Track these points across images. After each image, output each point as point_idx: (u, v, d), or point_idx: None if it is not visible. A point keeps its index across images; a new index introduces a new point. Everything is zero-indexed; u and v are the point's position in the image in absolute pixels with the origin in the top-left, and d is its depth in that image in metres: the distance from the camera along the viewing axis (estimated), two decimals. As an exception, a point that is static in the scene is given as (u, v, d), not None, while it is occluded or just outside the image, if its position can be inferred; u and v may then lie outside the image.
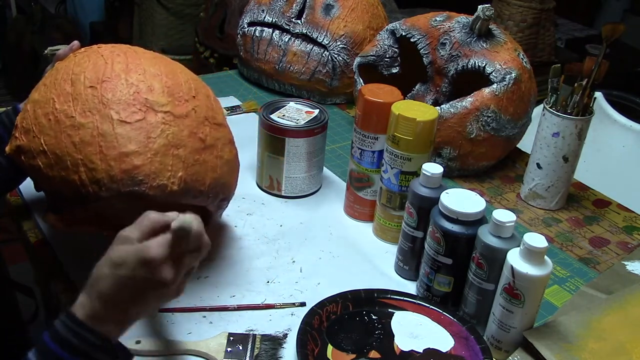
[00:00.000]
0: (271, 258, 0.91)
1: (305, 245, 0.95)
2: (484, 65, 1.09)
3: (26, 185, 0.94)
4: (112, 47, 0.77)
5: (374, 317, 0.81)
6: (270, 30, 1.36)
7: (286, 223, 0.99)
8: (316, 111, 1.05)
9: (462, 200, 0.79)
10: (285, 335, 0.78)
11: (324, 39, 1.32)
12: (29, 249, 0.91)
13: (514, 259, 0.73)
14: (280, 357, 0.75)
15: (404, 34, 1.19)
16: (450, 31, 1.13)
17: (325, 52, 1.32)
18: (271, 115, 1.02)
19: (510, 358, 0.76)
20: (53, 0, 3.29)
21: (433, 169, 0.84)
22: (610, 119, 1.56)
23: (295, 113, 1.04)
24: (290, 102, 1.07)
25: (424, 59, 1.18)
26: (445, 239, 0.79)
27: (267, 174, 1.05)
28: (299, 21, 1.34)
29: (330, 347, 0.76)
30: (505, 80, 1.07)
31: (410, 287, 0.88)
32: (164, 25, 2.76)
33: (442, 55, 1.14)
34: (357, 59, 1.25)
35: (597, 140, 1.51)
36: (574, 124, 1.00)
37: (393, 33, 1.22)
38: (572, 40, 2.73)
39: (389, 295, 0.83)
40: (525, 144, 1.19)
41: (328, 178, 1.12)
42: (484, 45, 1.10)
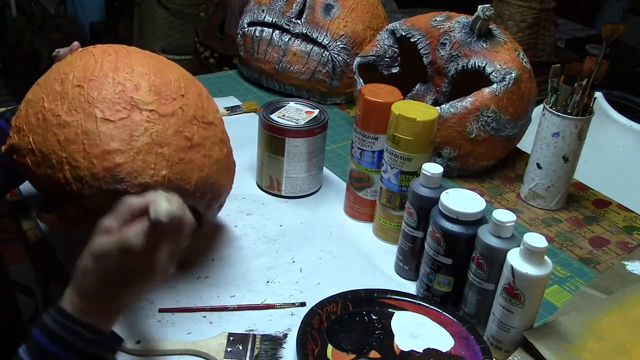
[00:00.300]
0: (271, 258, 0.91)
1: (305, 245, 0.95)
2: (484, 65, 1.09)
3: (26, 184, 0.95)
4: (106, 47, 0.77)
5: (374, 317, 0.81)
6: (270, 30, 1.36)
7: (286, 223, 0.99)
8: (316, 111, 1.05)
9: (462, 200, 0.79)
10: (285, 335, 0.78)
11: (324, 39, 1.32)
12: (29, 249, 0.91)
13: (514, 259, 0.73)
14: (280, 357, 0.75)
15: (404, 34, 1.19)
16: (450, 31, 1.13)
17: (325, 52, 1.32)
18: (271, 115, 1.02)
19: (510, 358, 0.76)
20: (53, 0, 3.29)
21: (433, 169, 0.84)
22: (610, 119, 1.56)
23: (295, 113, 1.04)
24: (290, 102, 1.07)
25: (424, 59, 1.18)
26: (445, 239, 0.79)
27: (267, 174, 1.05)
28: (299, 21, 1.34)
29: (330, 347, 0.76)
30: (505, 80, 1.07)
31: (410, 287, 0.88)
32: (164, 25, 2.76)
33: (442, 55, 1.14)
34: (357, 59, 1.25)
35: (597, 140, 1.51)
36: (574, 124, 1.00)
37: (393, 33, 1.22)
38: (572, 40, 2.73)
39: (389, 295, 0.83)
40: (525, 144, 1.19)
41: (328, 178, 1.12)
42: (484, 45, 1.10)
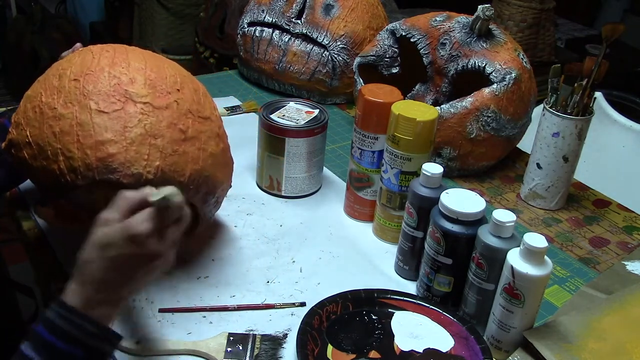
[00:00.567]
0: (271, 258, 0.91)
1: (305, 245, 0.95)
2: (484, 65, 1.09)
3: (26, 183, 0.95)
4: (105, 45, 0.79)
5: (374, 317, 0.81)
6: (270, 30, 1.36)
7: (286, 223, 0.99)
8: (316, 111, 1.05)
9: (462, 200, 0.79)
10: (285, 335, 0.78)
11: (324, 39, 1.32)
12: (29, 249, 0.91)
13: (514, 259, 0.73)
14: (280, 357, 0.75)
15: (404, 34, 1.19)
16: (450, 31, 1.13)
17: (325, 52, 1.32)
18: (271, 115, 1.02)
19: (510, 358, 0.76)
20: (53, 0, 3.29)
21: (433, 169, 0.84)
22: (610, 119, 1.56)
23: (295, 113, 1.04)
24: (290, 102, 1.07)
25: (424, 59, 1.18)
26: (445, 239, 0.79)
27: (267, 174, 1.05)
28: (299, 21, 1.34)
29: (330, 347, 0.76)
30: (505, 80, 1.07)
31: (410, 287, 0.88)
32: (164, 25, 2.76)
33: (442, 55, 1.14)
34: (357, 59, 1.25)
35: (597, 140, 1.51)
36: (574, 124, 1.00)
37: (393, 33, 1.22)
38: (572, 40, 2.73)
39: (389, 295, 0.83)
40: (525, 144, 1.19)
41: (328, 178, 1.12)
42: (484, 45, 1.10)
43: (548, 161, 1.04)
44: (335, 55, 1.32)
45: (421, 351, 0.76)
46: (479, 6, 1.09)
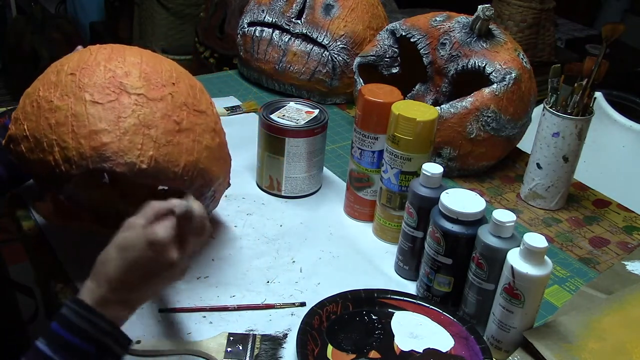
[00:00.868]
0: (271, 258, 0.91)
1: (305, 245, 0.95)
2: (484, 65, 1.09)
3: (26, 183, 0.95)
4: (104, 44, 0.80)
5: (374, 317, 0.81)
6: (270, 30, 1.36)
7: (286, 223, 0.99)
8: (316, 111, 1.05)
9: (462, 200, 0.79)
10: (285, 335, 0.78)
11: (324, 39, 1.32)
12: (29, 249, 0.91)
13: (514, 259, 0.73)
14: (280, 357, 0.75)
15: (404, 34, 1.19)
16: (450, 31, 1.13)
17: (325, 52, 1.32)
18: (271, 115, 1.02)
19: (510, 358, 0.76)
20: (53, 0, 3.29)
21: (433, 169, 0.84)
22: (610, 119, 1.56)
23: (295, 113, 1.04)
24: (290, 102, 1.07)
25: (424, 59, 1.18)
26: (445, 239, 0.79)
27: (267, 174, 1.05)
28: (299, 21, 1.34)
29: (330, 347, 0.76)
30: (505, 80, 1.07)
31: (410, 287, 0.88)
32: (164, 25, 2.76)
33: (442, 55, 1.14)
34: (357, 59, 1.25)
35: (597, 140, 1.51)
36: (574, 124, 1.00)
37: (393, 33, 1.22)
38: (572, 40, 2.73)
39: (389, 295, 0.83)
40: (525, 144, 1.19)
41: (328, 178, 1.12)
42: (484, 45, 1.10)
43: (548, 161, 1.04)
44: (335, 55, 1.32)
45: (421, 351, 0.76)
46: (479, 6, 1.09)
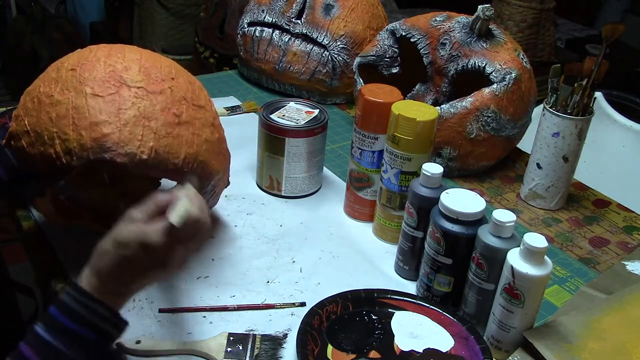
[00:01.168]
0: (271, 258, 0.91)
1: (305, 245, 0.95)
2: (484, 65, 1.09)
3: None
4: (104, 44, 0.81)
5: (374, 317, 0.81)
6: (270, 30, 1.36)
7: (286, 223, 0.99)
8: (316, 111, 1.05)
9: (462, 200, 0.79)
10: (285, 335, 0.78)
11: (324, 39, 1.32)
12: (29, 249, 0.91)
13: (514, 259, 0.73)
14: (280, 357, 0.75)
15: (404, 34, 1.19)
16: (450, 31, 1.13)
17: (325, 52, 1.32)
18: (271, 115, 1.02)
19: (510, 358, 0.76)
20: (53, 0, 3.29)
21: (433, 169, 0.84)
22: (610, 119, 1.56)
23: (295, 113, 1.04)
24: (290, 102, 1.07)
25: (424, 59, 1.18)
26: (445, 239, 0.79)
27: (267, 174, 1.05)
28: (299, 21, 1.34)
29: (330, 347, 0.76)
30: (505, 80, 1.07)
31: (410, 287, 0.88)
32: (164, 25, 2.76)
33: (442, 55, 1.14)
34: (357, 59, 1.25)
35: (597, 140, 1.51)
36: (574, 124, 1.00)
37: (393, 33, 1.22)
38: (572, 40, 2.73)
39: (389, 295, 0.83)
40: (525, 144, 1.19)
41: (328, 178, 1.12)
42: (484, 45, 1.10)
43: (548, 161, 1.04)
44: (335, 55, 1.32)
45: (421, 351, 0.76)
46: (479, 6, 1.09)
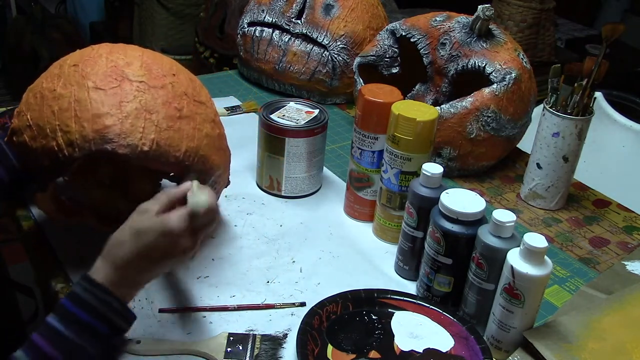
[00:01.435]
0: (271, 258, 0.91)
1: (305, 245, 0.95)
2: (484, 65, 1.09)
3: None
4: (105, 43, 0.82)
5: (374, 317, 0.81)
6: (270, 30, 1.36)
7: (286, 223, 0.99)
8: (316, 111, 1.05)
9: (462, 200, 0.79)
10: (285, 335, 0.78)
11: (324, 39, 1.32)
12: (29, 249, 0.91)
13: (514, 259, 0.73)
14: (280, 357, 0.75)
15: (404, 34, 1.19)
16: (450, 31, 1.13)
17: (325, 52, 1.32)
18: (271, 115, 1.02)
19: (510, 358, 0.76)
20: (53, 0, 3.29)
21: (433, 169, 0.84)
22: (610, 119, 1.56)
23: (295, 113, 1.04)
24: (290, 102, 1.07)
25: (424, 59, 1.18)
26: (445, 239, 0.79)
27: (267, 174, 1.05)
28: (299, 21, 1.34)
29: (330, 347, 0.76)
30: (505, 80, 1.07)
31: (410, 287, 0.88)
32: (164, 25, 2.76)
33: (442, 55, 1.14)
34: (357, 59, 1.25)
35: (597, 140, 1.51)
36: (574, 124, 1.00)
37: (393, 33, 1.22)
38: (572, 40, 2.73)
39: (389, 295, 0.83)
40: (525, 144, 1.19)
41: (328, 178, 1.12)
42: (484, 45, 1.10)
43: (548, 161, 1.04)
44: (335, 55, 1.32)
45: (421, 351, 0.76)
46: (479, 6, 1.09)
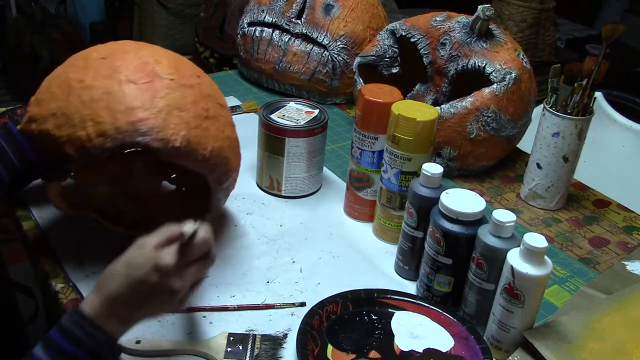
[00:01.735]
0: (271, 258, 0.91)
1: (305, 245, 0.95)
2: (484, 65, 1.09)
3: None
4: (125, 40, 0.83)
5: (374, 317, 0.81)
6: (270, 30, 1.36)
7: (286, 223, 0.99)
8: (316, 111, 1.05)
9: (462, 200, 0.79)
10: (285, 335, 0.78)
11: (324, 39, 1.32)
12: (29, 249, 0.91)
13: (514, 259, 0.73)
14: (280, 357, 0.75)
15: (404, 34, 1.19)
16: (450, 31, 1.13)
17: (325, 52, 1.32)
18: (271, 115, 1.02)
19: (510, 358, 0.76)
20: (53, 0, 3.29)
21: (433, 169, 0.84)
22: (610, 119, 1.56)
23: (295, 113, 1.04)
24: (290, 102, 1.07)
25: (424, 59, 1.18)
26: (445, 239, 0.79)
27: (267, 174, 1.05)
28: (299, 21, 1.34)
29: (330, 347, 0.76)
30: (505, 80, 1.07)
31: (410, 287, 0.88)
32: (164, 25, 2.76)
33: (442, 55, 1.14)
34: (357, 59, 1.25)
35: (597, 140, 1.51)
36: (574, 124, 1.00)
37: (393, 33, 1.22)
38: (572, 40, 2.73)
39: (389, 295, 0.83)
40: (525, 144, 1.19)
41: (328, 178, 1.12)
42: (484, 45, 1.10)
43: (548, 161, 1.04)
44: (335, 55, 1.32)
45: (421, 351, 0.76)
46: (479, 6, 1.09)
